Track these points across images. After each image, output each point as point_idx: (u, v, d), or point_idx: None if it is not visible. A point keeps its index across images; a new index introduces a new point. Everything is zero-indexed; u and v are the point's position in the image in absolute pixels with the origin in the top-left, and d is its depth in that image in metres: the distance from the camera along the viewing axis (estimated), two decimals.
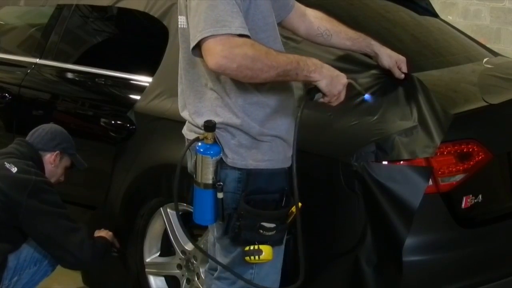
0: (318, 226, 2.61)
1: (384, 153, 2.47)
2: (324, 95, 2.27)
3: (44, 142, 3.15)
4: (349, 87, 2.32)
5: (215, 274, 2.56)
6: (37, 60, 3.87)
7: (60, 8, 3.88)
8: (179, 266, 3.17)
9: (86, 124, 3.66)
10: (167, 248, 3.23)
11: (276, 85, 2.32)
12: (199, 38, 2.13)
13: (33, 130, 3.20)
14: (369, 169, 2.46)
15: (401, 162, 2.48)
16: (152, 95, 3.20)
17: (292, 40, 2.78)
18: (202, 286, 3.05)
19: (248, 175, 2.32)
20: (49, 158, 3.15)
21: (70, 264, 3.03)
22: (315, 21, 2.65)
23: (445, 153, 2.55)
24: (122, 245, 3.31)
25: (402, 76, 2.65)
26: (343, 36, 2.66)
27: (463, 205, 2.62)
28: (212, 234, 2.59)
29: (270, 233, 2.30)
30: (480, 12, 6.04)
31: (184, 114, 2.44)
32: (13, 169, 2.94)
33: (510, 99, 2.82)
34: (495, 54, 3.61)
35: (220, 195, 2.31)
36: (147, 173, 3.18)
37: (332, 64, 2.29)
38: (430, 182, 2.50)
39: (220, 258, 2.48)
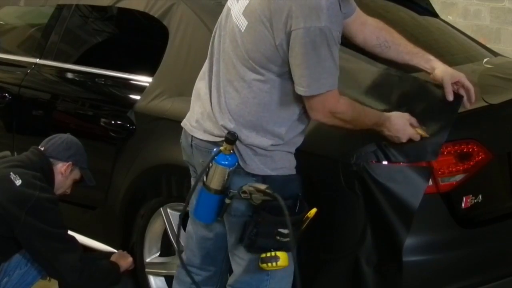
0: (318, 226, 2.61)
1: (384, 153, 2.47)
2: None
3: (58, 150, 3.09)
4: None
5: (230, 280, 2.56)
6: (37, 60, 3.86)
7: (60, 8, 3.87)
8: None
9: (86, 124, 3.66)
10: (167, 248, 3.23)
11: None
12: (319, 92, 2.25)
13: (49, 137, 3.14)
14: (369, 169, 2.46)
15: (401, 162, 2.48)
16: (152, 95, 3.20)
17: None
18: None
19: (264, 182, 2.33)
20: (60, 167, 3.09)
21: (57, 279, 3.03)
22: (375, 31, 2.61)
23: (445, 153, 2.54)
24: (123, 245, 3.31)
25: (451, 98, 2.50)
26: (402, 49, 2.61)
27: (463, 205, 2.62)
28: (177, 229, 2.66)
29: (286, 239, 2.30)
30: (480, 12, 6.04)
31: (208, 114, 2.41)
32: (18, 181, 2.87)
33: (510, 99, 2.82)
34: (495, 54, 3.61)
35: (228, 200, 2.34)
36: (147, 173, 3.18)
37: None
38: (430, 182, 2.50)
39: (234, 266, 2.51)
